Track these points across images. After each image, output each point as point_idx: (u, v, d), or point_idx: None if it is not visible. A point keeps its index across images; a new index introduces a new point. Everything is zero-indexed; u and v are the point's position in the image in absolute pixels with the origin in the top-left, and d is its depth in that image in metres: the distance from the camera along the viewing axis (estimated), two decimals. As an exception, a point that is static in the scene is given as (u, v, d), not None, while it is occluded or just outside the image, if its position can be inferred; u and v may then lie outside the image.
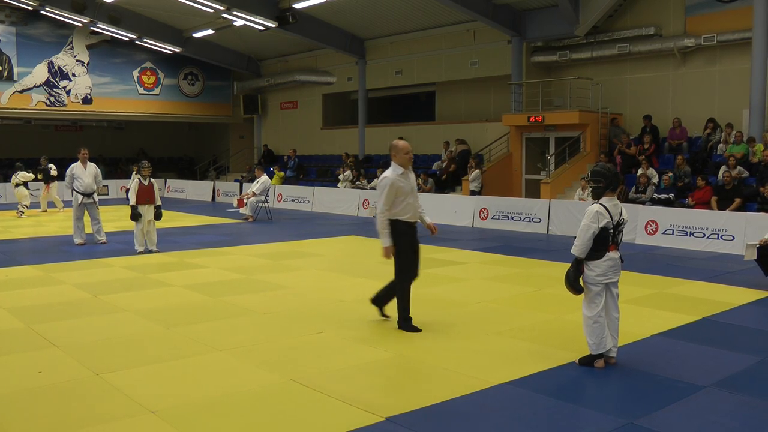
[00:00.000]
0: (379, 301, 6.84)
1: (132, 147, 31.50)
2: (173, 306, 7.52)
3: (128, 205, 11.58)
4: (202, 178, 29.44)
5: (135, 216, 11.27)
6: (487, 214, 15.90)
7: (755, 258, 8.70)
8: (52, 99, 25.48)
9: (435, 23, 21.20)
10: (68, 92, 25.84)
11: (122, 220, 15.42)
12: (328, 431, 4.19)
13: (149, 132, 31.96)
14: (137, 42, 25.88)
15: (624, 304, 5.97)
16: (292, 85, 27.05)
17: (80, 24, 24.54)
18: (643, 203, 13.99)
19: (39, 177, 19.57)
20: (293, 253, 11.53)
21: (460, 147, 20.08)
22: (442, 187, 19.14)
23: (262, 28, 21.44)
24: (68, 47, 25.71)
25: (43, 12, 23.66)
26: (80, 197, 12.33)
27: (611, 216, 5.27)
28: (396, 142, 6.53)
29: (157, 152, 31.71)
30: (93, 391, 4.85)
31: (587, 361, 5.38)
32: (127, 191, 12.99)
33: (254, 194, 17.28)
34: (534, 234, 14.46)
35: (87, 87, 26.28)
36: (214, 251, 11.76)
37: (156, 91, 28.08)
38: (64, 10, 22.98)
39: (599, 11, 17.00)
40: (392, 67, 23.47)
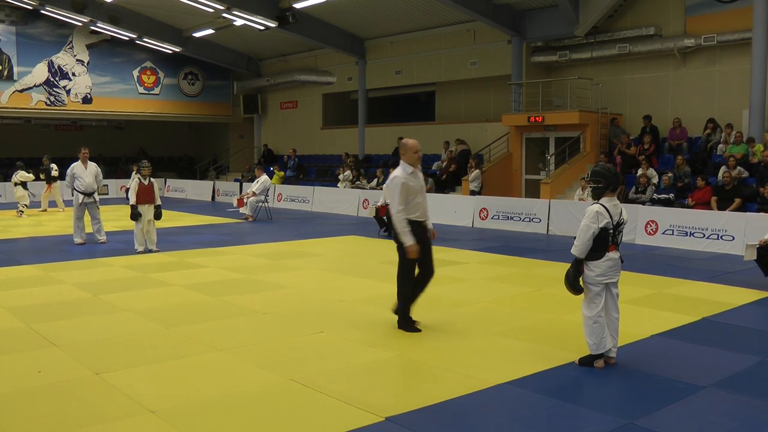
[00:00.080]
0: (400, 314, 6.55)
1: (132, 146, 31.50)
2: (173, 306, 7.52)
3: (128, 205, 11.59)
4: (202, 178, 29.45)
5: (135, 215, 11.27)
6: (487, 214, 15.91)
7: (755, 258, 8.71)
8: (52, 98, 25.47)
9: (435, 23, 21.20)
10: (68, 92, 25.83)
11: (122, 220, 15.41)
12: (328, 431, 4.19)
13: (149, 131, 31.96)
14: (137, 41, 25.88)
15: (624, 305, 5.97)
16: (292, 85, 27.05)
17: (80, 23, 24.53)
18: (643, 203, 13.98)
19: (41, 177, 19.56)
20: (293, 253, 11.53)
21: (460, 147, 20.09)
22: (442, 187, 19.15)
23: (262, 28, 21.44)
24: (68, 47, 25.71)
25: (43, 11, 23.66)
26: (81, 197, 12.33)
27: (611, 216, 5.27)
28: (405, 141, 6.42)
29: (157, 152, 31.71)
30: (93, 391, 4.85)
31: (587, 362, 5.39)
32: (127, 191, 13.01)
33: (254, 194, 17.28)
34: (534, 234, 14.46)
35: (87, 86, 26.27)
36: (214, 251, 11.76)
37: (156, 91, 28.08)
38: (64, 10, 22.98)
39: (599, 11, 17.00)
40: (392, 67, 23.47)
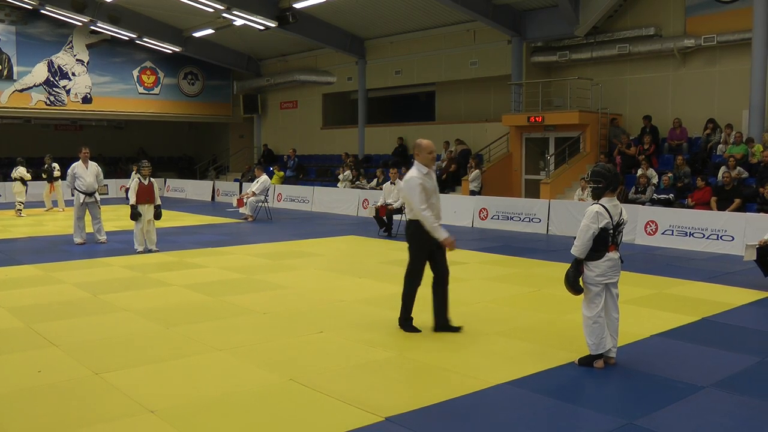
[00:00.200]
0: (440, 319, 6.40)
1: (132, 146, 31.49)
2: (173, 305, 7.52)
3: (128, 205, 11.59)
4: (202, 178, 29.45)
5: (135, 215, 11.27)
6: (487, 214, 15.91)
7: (755, 258, 8.72)
8: (52, 98, 25.47)
9: (435, 23, 21.20)
10: (68, 91, 25.82)
11: (122, 220, 15.41)
12: (328, 431, 4.19)
13: (149, 131, 31.95)
14: (137, 41, 25.88)
15: (623, 305, 5.97)
16: (292, 85, 27.04)
17: (80, 23, 24.52)
18: (643, 203, 13.99)
19: (43, 176, 19.55)
20: (293, 253, 11.53)
21: (460, 147, 20.09)
22: (442, 187, 19.08)
23: (262, 28, 21.44)
24: (68, 46, 25.70)
25: (43, 11, 23.66)
26: (82, 196, 12.32)
27: (611, 216, 5.27)
28: (420, 141, 6.36)
29: (157, 152, 31.70)
30: (92, 391, 4.85)
31: (587, 362, 5.39)
32: (127, 191, 13.00)
33: (254, 194, 17.28)
34: (534, 234, 14.46)
35: (87, 86, 26.26)
36: (214, 251, 11.76)
37: (156, 91, 28.07)
38: (64, 10, 22.98)
39: (599, 11, 17.00)
40: (392, 67, 23.47)
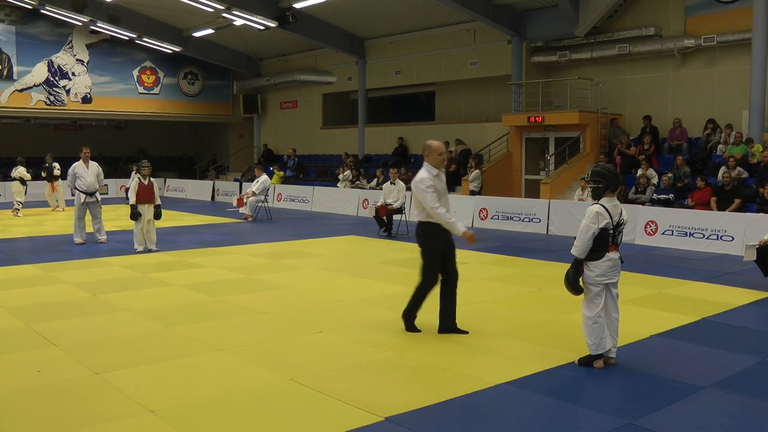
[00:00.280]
0: (447, 322, 6.42)
1: (131, 146, 31.49)
2: (173, 305, 7.52)
3: (128, 205, 11.59)
4: (202, 178, 29.44)
5: (135, 215, 11.27)
6: (487, 214, 15.91)
7: (755, 259, 8.72)
8: (52, 98, 25.47)
9: (435, 23, 21.20)
10: (68, 91, 25.83)
11: (122, 220, 15.41)
12: (328, 431, 4.19)
13: (149, 131, 31.96)
14: (137, 41, 25.88)
15: (623, 305, 5.97)
16: (292, 85, 27.04)
17: (80, 23, 24.53)
18: (643, 204, 13.99)
19: (43, 175, 19.56)
20: (293, 253, 11.53)
21: (460, 147, 20.09)
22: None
23: (262, 28, 21.44)
24: (68, 46, 25.70)
25: (43, 11, 23.66)
26: (83, 196, 12.32)
27: (611, 216, 5.27)
28: (430, 143, 6.33)
29: (157, 151, 31.70)
30: (92, 391, 4.84)
31: (587, 362, 5.38)
32: (127, 190, 13.00)
33: (254, 194, 17.28)
34: (533, 234, 14.46)
35: (87, 86, 26.27)
36: (214, 251, 11.76)
37: (156, 91, 28.07)
38: (64, 9, 22.98)
39: (599, 11, 17.00)
40: (392, 67, 23.47)
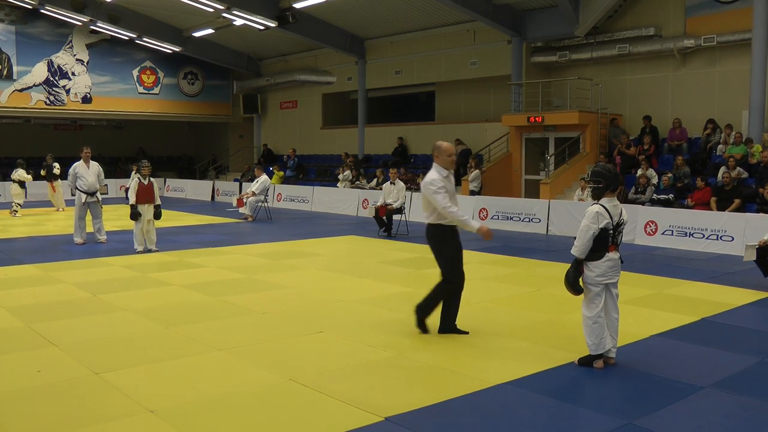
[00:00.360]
0: (447, 322, 6.34)
1: (131, 146, 31.49)
2: (173, 305, 7.52)
3: (128, 205, 11.59)
4: (202, 178, 29.44)
5: (134, 215, 11.27)
6: (487, 214, 15.90)
7: (754, 259, 8.72)
8: (52, 98, 25.46)
9: (435, 23, 21.20)
10: (68, 91, 25.82)
11: (122, 220, 15.41)
12: (328, 431, 4.19)
13: (149, 131, 31.95)
14: (137, 41, 25.88)
15: (623, 305, 5.97)
16: (292, 85, 27.04)
17: (80, 23, 24.53)
18: (643, 204, 13.99)
19: (42, 173, 19.57)
20: (293, 253, 11.53)
21: (460, 147, 20.07)
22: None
23: (262, 28, 21.43)
24: (68, 46, 25.70)
25: (43, 11, 23.66)
26: (84, 196, 12.32)
27: (611, 216, 5.27)
28: (440, 144, 6.32)
29: (157, 151, 31.71)
30: (92, 391, 4.84)
31: (586, 362, 5.39)
32: (127, 190, 13.00)
33: (254, 194, 17.28)
34: (533, 234, 14.46)
35: (86, 86, 26.26)
36: (214, 251, 11.75)
37: (155, 91, 28.07)
38: (64, 9, 22.98)
39: (599, 12, 17.01)
40: (392, 67, 23.47)
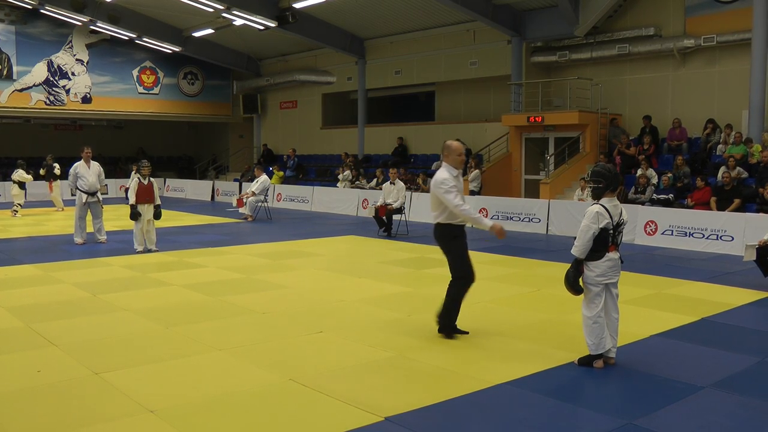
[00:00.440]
0: (447, 321, 6.34)
1: (131, 146, 31.49)
2: (172, 305, 7.52)
3: (128, 205, 11.59)
4: (202, 178, 29.43)
5: (134, 215, 11.27)
6: (487, 214, 15.88)
7: (754, 259, 8.71)
8: (52, 98, 25.46)
9: (435, 23, 21.20)
10: (68, 91, 25.82)
11: (122, 220, 15.41)
12: (328, 431, 4.19)
13: (148, 131, 31.95)
14: (137, 41, 25.88)
15: (623, 305, 5.97)
16: (292, 85, 27.04)
17: (80, 23, 24.52)
18: (643, 204, 13.99)
19: (41, 173, 19.57)
20: (293, 253, 11.53)
21: (460, 147, 20.07)
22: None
23: (262, 28, 21.43)
24: (68, 46, 25.70)
25: (43, 11, 23.66)
26: (84, 196, 12.31)
27: (611, 216, 5.27)
28: (450, 143, 6.31)
29: (157, 151, 31.71)
30: (92, 391, 4.84)
31: (586, 362, 5.39)
32: (127, 190, 12.99)
33: (253, 194, 17.28)
34: (533, 234, 14.46)
35: (86, 86, 26.26)
36: (214, 251, 11.75)
37: (155, 91, 28.06)
38: (64, 9, 22.97)
39: (599, 11, 17.01)
40: (392, 67, 23.46)
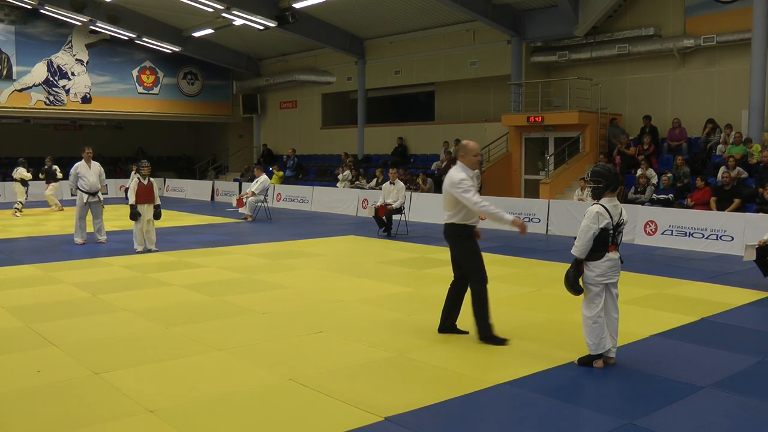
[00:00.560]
0: (451, 321, 6.32)
1: (131, 146, 31.49)
2: (172, 305, 7.52)
3: (127, 205, 11.59)
4: (202, 178, 29.43)
5: (134, 215, 11.27)
6: (487, 214, 15.87)
7: (754, 259, 8.71)
8: (52, 98, 25.46)
9: (435, 23, 21.20)
10: (67, 91, 25.82)
11: (121, 220, 15.41)
12: (328, 431, 4.19)
13: (148, 131, 31.95)
14: (136, 41, 25.88)
15: (623, 305, 5.97)
16: (292, 85, 27.04)
17: (79, 23, 24.52)
18: (643, 204, 13.99)
19: (41, 176, 19.55)
20: (292, 253, 11.53)
21: (460, 147, 20.08)
22: (441, 187, 19.11)
23: (262, 28, 21.43)
24: (67, 46, 25.69)
25: (43, 11, 23.66)
26: (85, 196, 12.31)
27: (611, 216, 5.27)
28: (466, 143, 6.32)
29: (157, 151, 31.72)
30: (92, 391, 4.84)
31: (586, 362, 5.38)
32: (127, 190, 13.00)
33: (253, 194, 17.28)
34: (533, 234, 14.44)
35: (86, 86, 26.26)
36: (214, 251, 11.75)
37: (155, 91, 28.06)
38: (64, 9, 22.97)
39: (599, 11, 17.01)
40: (392, 67, 23.46)
